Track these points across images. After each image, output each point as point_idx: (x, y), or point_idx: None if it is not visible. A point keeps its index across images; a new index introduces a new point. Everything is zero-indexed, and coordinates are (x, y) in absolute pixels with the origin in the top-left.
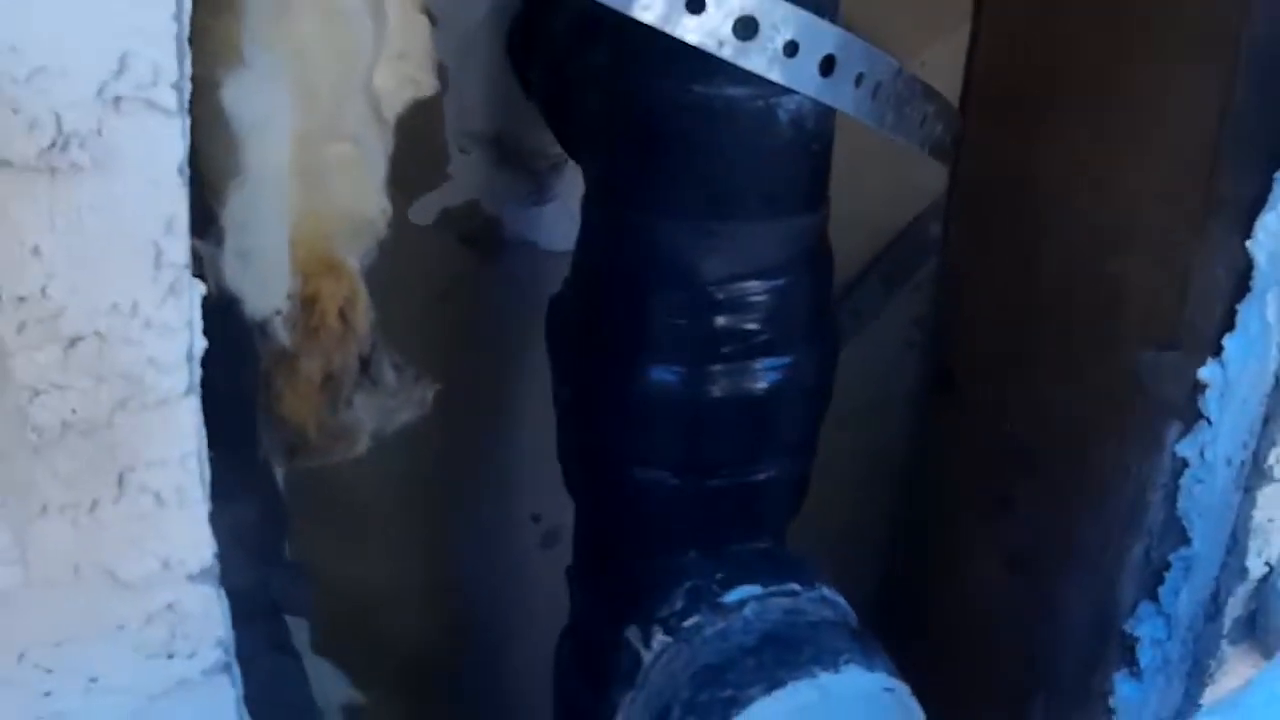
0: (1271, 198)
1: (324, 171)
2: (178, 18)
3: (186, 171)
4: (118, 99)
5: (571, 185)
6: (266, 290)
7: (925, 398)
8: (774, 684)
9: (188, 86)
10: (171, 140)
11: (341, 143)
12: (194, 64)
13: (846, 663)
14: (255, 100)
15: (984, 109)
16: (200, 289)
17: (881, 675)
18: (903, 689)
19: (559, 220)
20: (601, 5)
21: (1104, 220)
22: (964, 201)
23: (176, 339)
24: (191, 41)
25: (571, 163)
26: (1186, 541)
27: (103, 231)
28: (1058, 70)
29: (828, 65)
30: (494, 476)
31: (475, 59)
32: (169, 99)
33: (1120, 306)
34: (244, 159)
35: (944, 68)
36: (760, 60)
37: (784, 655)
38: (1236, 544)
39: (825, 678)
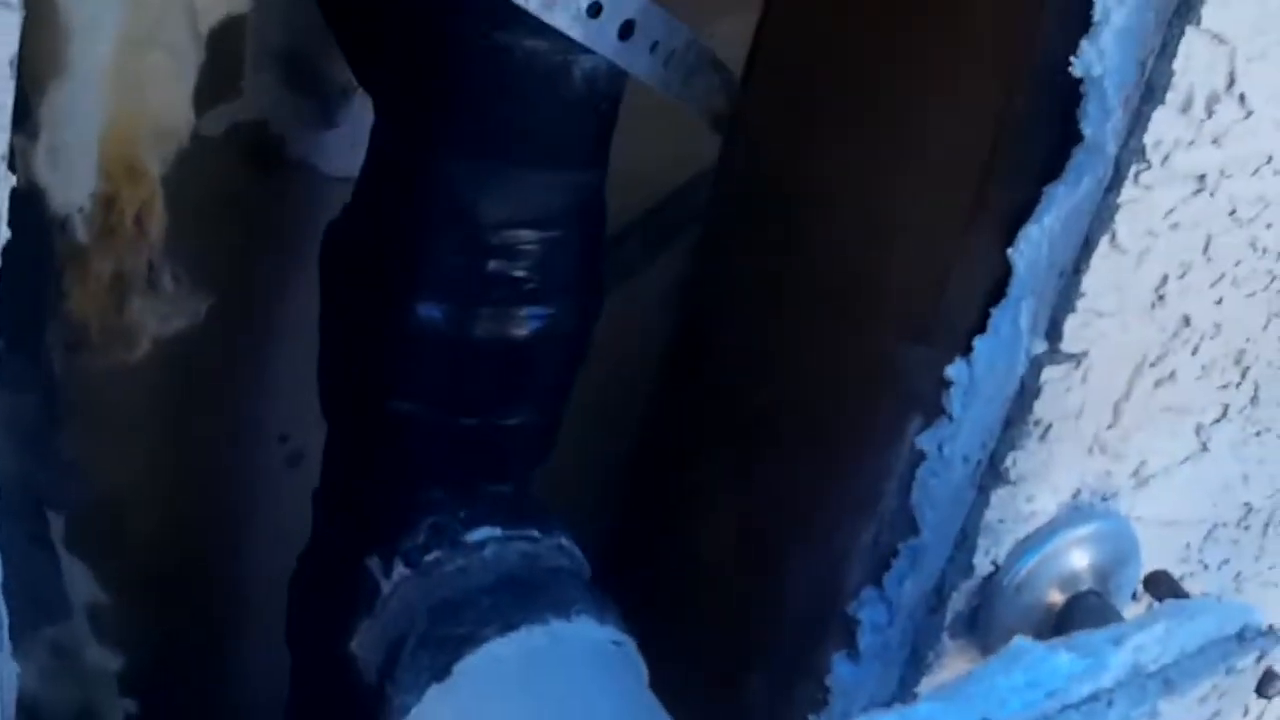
0: (1038, 210)
1: (139, 77)
2: None
3: (16, 65)
4: None
5: (359, 113)
6: (72, 187)
7: (675, 360)
8: (507, 626)
9: None
10: (7, 34)
11: (159, 50)
12: None
13: (579, 612)
14: None
15: (765, 89)
16: (11, 181)
17: (611, 629)
18: (630, 644)
19: (343, 147)
20: None
21: (870, 214)
22: (733, 175)
23: None
24: None
25: (361, 91)
26: (916, 532)
27: None
28: (840, 62)
29: (627, 29)
30: (249, 392)
31: None
32: None
33: (878, 297)
34: (69, 57)
35: (733, 42)
36: (564, 18)
37: (519, 599)
38: (966, 540)
39: (557, 625)
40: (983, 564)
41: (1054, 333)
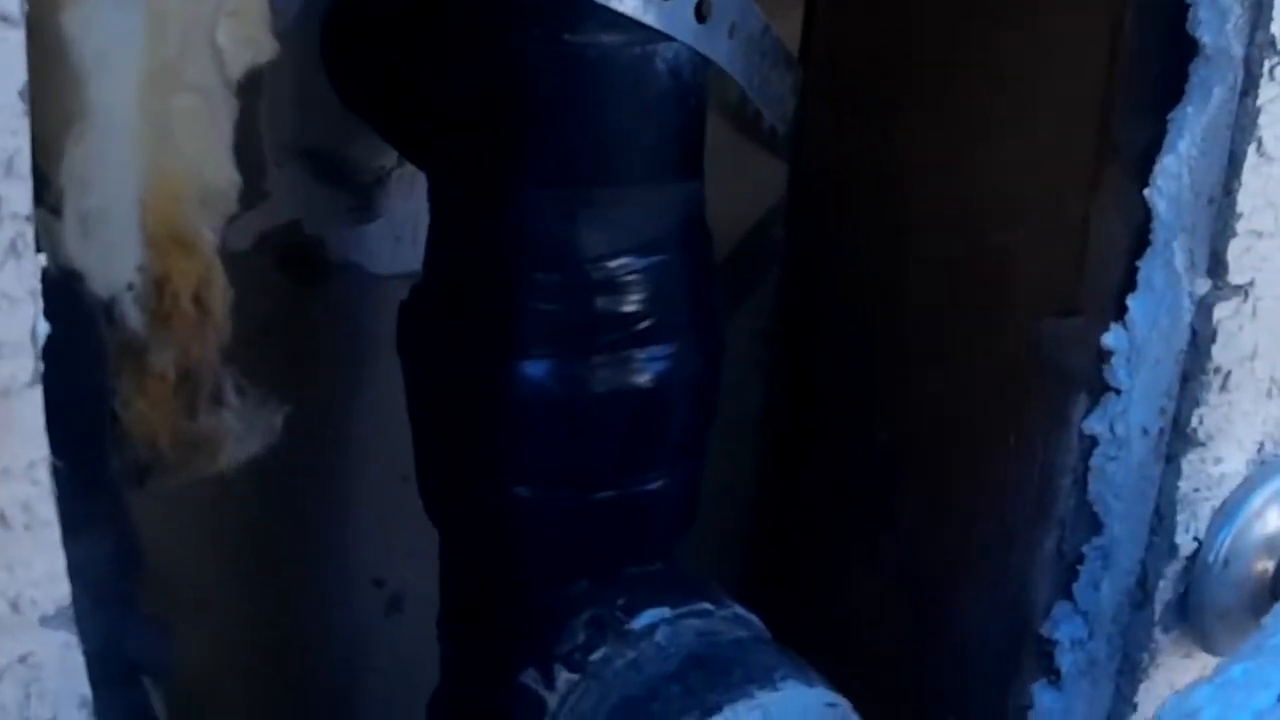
0: (1168, 140)
1: (171, 123)
2: None
3: (29, 97)
4: None
5: (396, 200)
6: (113, 262)
7: (780, 418)
8: (709, 709)
9: None
10: (11, 55)
11: (189, 93)
12: None
13: (784, 679)
14: (102, 25)
15: (826, 94)
16: (40, 260)
17: (822, 690)
18: (845, 704)
19: (385, 241)
20: None
21: (982, 190)
22: (808, 198)
23: (19, 312)
24: None
25: (396, 176)
26: (1100, 527)
27: None
28: (913, 41)
29: (702, 10)
30: (333, 536)
31: (290, 62)
32: (10, 3)
33: (1009, 279)
34: (86, 99)
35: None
36: (635, 2)
37: (713, 678)
38: (1162, 521)
39: (764, 697)
40: (1185, 542)
41: (1217, 265)
